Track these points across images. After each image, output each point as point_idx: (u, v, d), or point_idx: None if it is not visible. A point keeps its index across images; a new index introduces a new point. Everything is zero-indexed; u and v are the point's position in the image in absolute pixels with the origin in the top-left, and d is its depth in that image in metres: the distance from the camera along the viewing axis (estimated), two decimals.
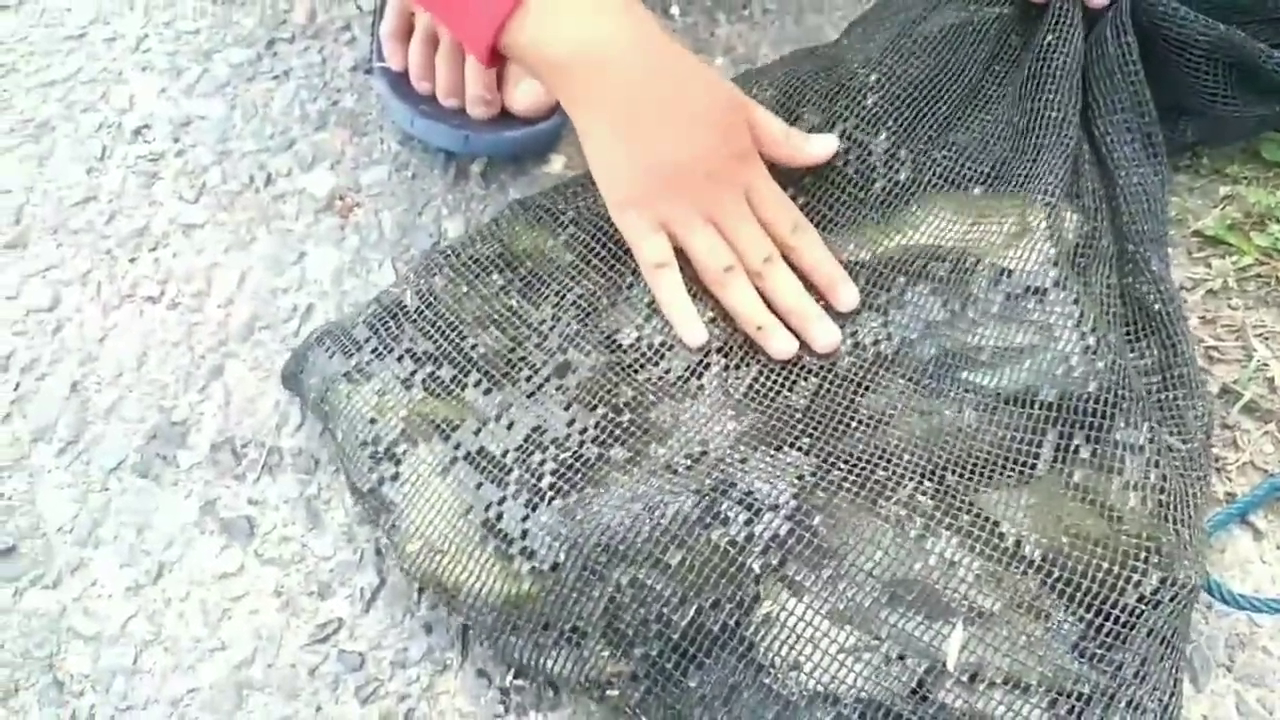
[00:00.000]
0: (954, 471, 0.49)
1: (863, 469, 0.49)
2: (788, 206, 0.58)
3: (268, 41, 0.78)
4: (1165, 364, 0.55)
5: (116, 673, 0.54)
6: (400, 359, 0.56)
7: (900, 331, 0.56)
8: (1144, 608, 0.45)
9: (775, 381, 0.54)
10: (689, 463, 0.49)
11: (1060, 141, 0.58)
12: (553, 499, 0.49)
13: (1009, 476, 0.49)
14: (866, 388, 0.53)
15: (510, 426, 0.52)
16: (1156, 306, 0.57)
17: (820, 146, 0.60)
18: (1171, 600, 0.46)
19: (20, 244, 0.69)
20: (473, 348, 0.56)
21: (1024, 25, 0.66)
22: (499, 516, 0.49)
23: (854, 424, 0.51)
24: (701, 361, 0.55)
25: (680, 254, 0.57)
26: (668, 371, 0.54)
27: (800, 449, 0.50)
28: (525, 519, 0.49)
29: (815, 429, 0.51)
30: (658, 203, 0.55)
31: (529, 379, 0.54)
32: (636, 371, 0.54)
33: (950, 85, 0.64)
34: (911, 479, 0.49)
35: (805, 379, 0.53)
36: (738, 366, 0.55)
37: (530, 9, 0.52)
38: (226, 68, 0.77)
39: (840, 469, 0.49)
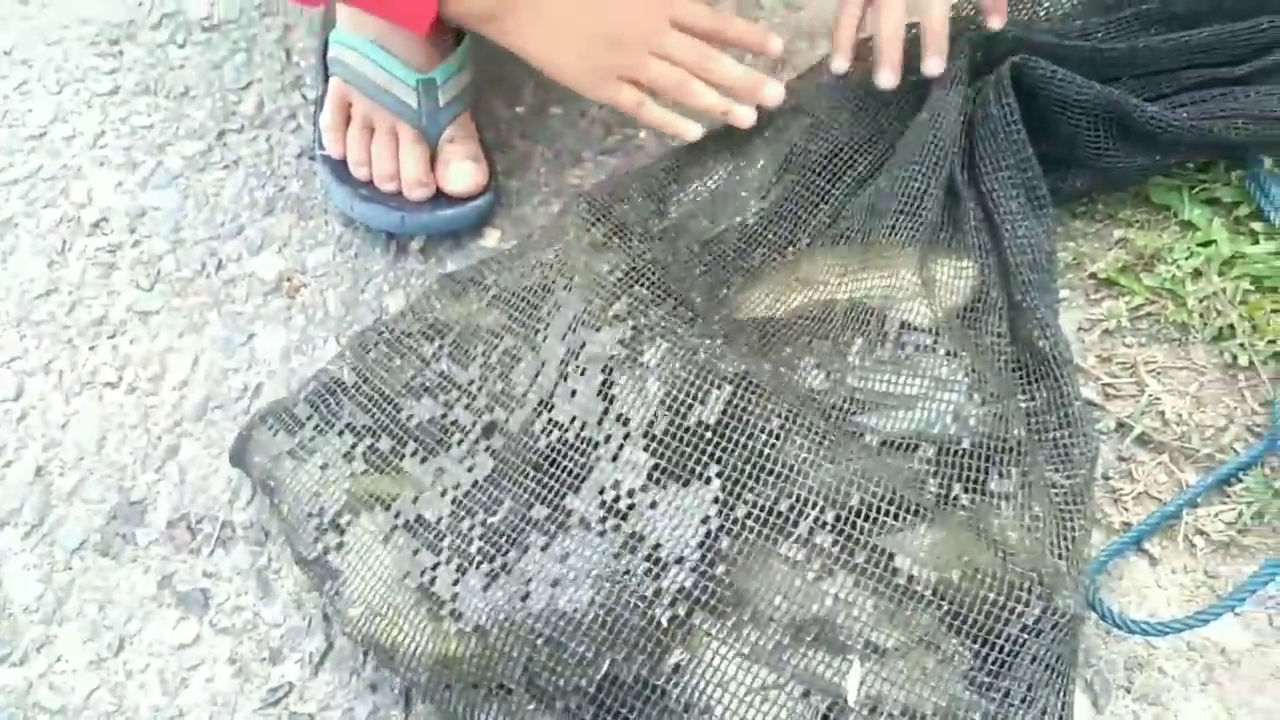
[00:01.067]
0: (853, 508, 0.52)
1: (767, 501, 0.52)
2: (704, 11, 0.68)
3: (218, 133, 0.83)
4: (1053, 404, 0.59)
5: None
6: (341, 433, 0.59)
7: (807, 378, 0.59)
8: (1027, 636, 0.49)
9: (689, 394, 0.56)
10: (602, 513, 0.53)
11: (920, 210, 0.63)
12: (480, 563, 0.53)
13: (904, 516, 0.52)
14: (772, 414, 0.55)
15: (444, 493, 0.56)
16: (1045, 349, 0.60)
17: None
18: (1053, 629, 0.49)
19: None
20: (408, 418, 0.59)
21: (905, 105, 0.71)
22: (432, 581, 0.53)
23: (761, 443, 0.54)
24: (608, 389, 0.57)
25: None
26: (579, 402, 0.57)
27: (706, 479, 0.53)
28: (455, 583, 0.52)
29: (723, 451, 0.54)
30: (609, 63, 0.67)
31: (459, 443, 0.58)
32: (553, 412, 0.57)
33: (842, 169, 0.69)
34: (814, 509, 0.52)
35: (719, 388, 0.56)
36: (638, 390, 0.57)
37: None
38: (179, 160, 0.81)
39: (745, 502, 0.52)
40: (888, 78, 0.69)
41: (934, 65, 0.68)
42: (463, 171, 0.73)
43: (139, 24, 0.91)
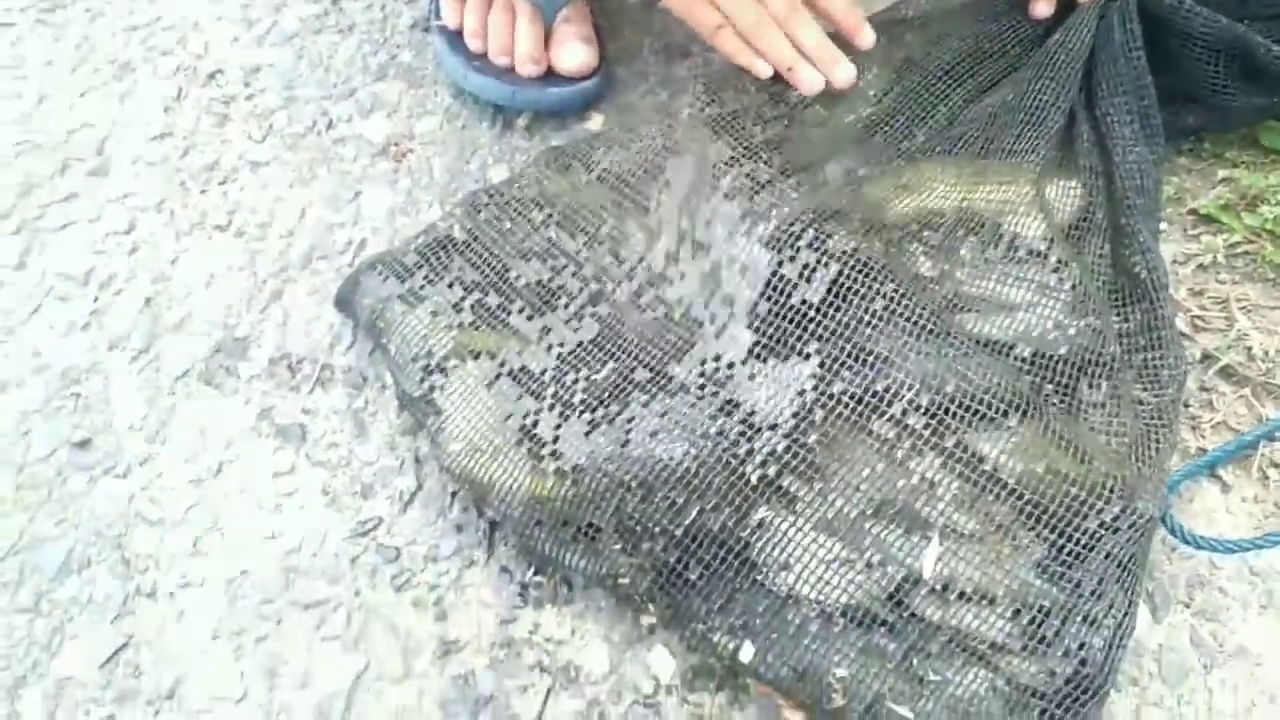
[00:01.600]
0: (949, 394, 0.54)
1: (864, 380, 0.54)
2: None
3: None
4: (1147, 326, 0.60)
5: (177, 554, 0.60)
6: (450, 285, 0.61)
7: (915, 264, 0.61)
8: (1104, 532, 0.50)
9: (797, 273, 0.57)
10: (702, 381, 0.55)
11: (1045, 122, 0.63)
12: (582, 412, 0.55)
13: (997, 407, 0.54)
14: (877, 295, 0.56)
15: (549, 349, 0.58)
16: (1143, 275, 0.61)
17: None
18: (1130, 528, 0.51)
19: (102, 172, 0.76)
20: (516, 278, 0.61)
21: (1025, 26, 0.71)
22: (535, 424, 0.55)
23: (863, 325, 0.55)
24: (716, 273, 0.59)
25: None
26: (686, 284, 0.59)
27: (805, 355, 0.55)
28: (557, 427, 0.55)
29: (825, 329, 0.56)
30: None
31: (566, 305, 0.60)
32: (661, 289, 0.59)
33: (964, 76, 0.69)
34: (908, 392, 0.53)
35: (826, 265, 0.57)
36: (745, 269, 0.58)
37: None
38: (295, 20, 0.83)
39: (842, 379, 0.54)
40: (1043, 8, 0.69)
41: (1042, 7, 0.69)
42: (575, 52, 0.74)
43: None
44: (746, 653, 0.51)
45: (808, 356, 0.54)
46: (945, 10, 0.73)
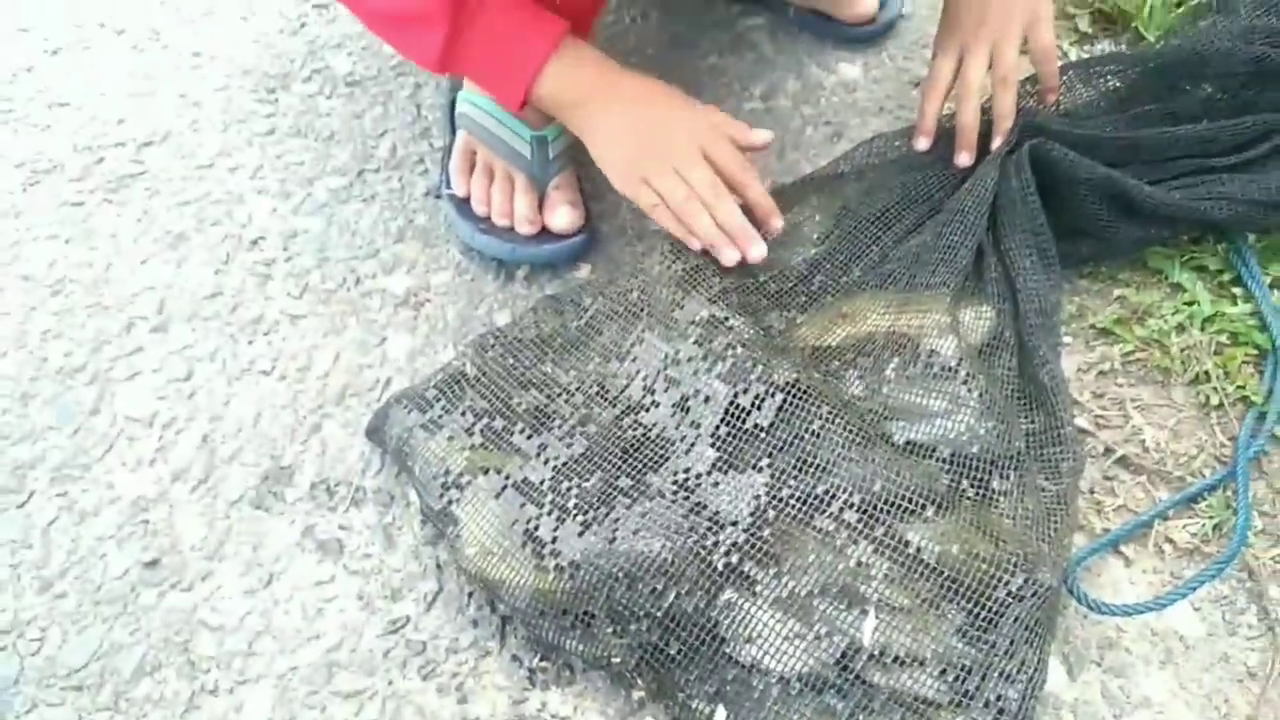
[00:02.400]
0: (877, 494, 0.65)
1: (807, 486, 0.65)
2: (739, 162, 0.78)
3: (358, 171, 0.99)
4: (1048, 426, 0.71)
5: (235, 655, 0.70)
6: (463, 414, 0.73)
7: (849, 387, 0.72)
8: (1012, 600, 0.61)
9: (749, 403, 0.69)
10: (675, 488, 0.66)
11: (957, 258, 0.76)
12: (576, 515, 0.66)
13: (918, 502, 0.65)
14: (815, 417, 0.68)
15: (546, 462, 0.69)
16: (1046, 383, 0.73)
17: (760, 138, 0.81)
18: (1033, 596, 0.61)
19: (163, 328, 0.88)
20: (518, 404, 0.73)
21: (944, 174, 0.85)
22: (536, 528, 0.66)
23: (805, 441, 0.67)
24: (684, 403, 0.71)
25: None
26: (660, 412, 0.71)
27: (759, 468, 0.66)
28: (555, 529, 0.66)
29: (774, 447, 0.67)
30: (641, 168, 0.78)
31: (560, 426, 0.71)
32: (639, 415, 0.71)
33: (892, 221, 0.83)
34: (844, 494, 0.65)
35: (773, 395, 0.69)
36: (707, 400, 0.70)
37: (549, 74, 0.76)
38: (326, 192, 0.97)
39: (789, 486, 0.65)
40: (964, 159, 0.83)
41: (964, 159, 0.84)
42: (565, 213, 0.88)
43: (292, 77, 1.08)
44: (720, 717, 0.61)
45: (760, 469, 0.66)
46: (878, 163, 0.87)
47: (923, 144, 0.86)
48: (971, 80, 0.83)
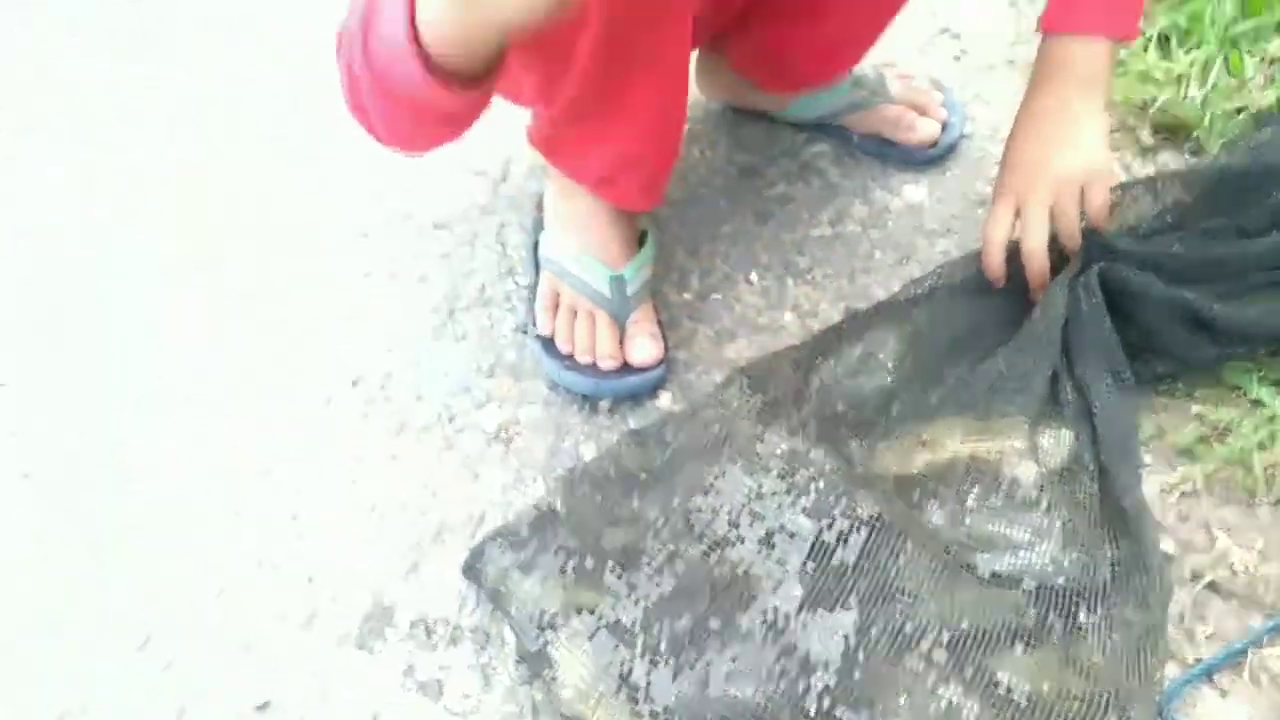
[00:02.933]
0: (964, 630, 0.66)
1: (895, 624, 0.67)
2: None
3: (449, 310, 1.04)
4: (1134, 555, 0.72)
5: None
6: (555, 553, 0.77)
7: (932, 517, 0.74)
8: None
9: (834, 539, 0.71)
10: (764, 629, 0.68)
11: (1032, 385, 0.78)
12: (669, 659, 0.68)
13: (1006, 638, 0.66)
14: (900, 551, 0.70)
15: (636, 602, 0.72)
16: (1128, 509, 0.74)
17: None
18: None
19: (265, 473, 0.94)
20: (607, 543, 0.76)
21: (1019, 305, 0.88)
22: (629, 671, 0.69)
23: (890, 575, 0.68)
24: (770, 539, 0.73)
25: None
26: (745, 548, 0.73)
27: (847, 606, 0.68)
28: (648, 673, 0.68)
29: (860, 583, 0.69)
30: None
31: (648, 564, 0.74)
32: (725, 551, 0.73)
33: (966, 347, 0.85)
34: (933, 631, 0.66)
35: (858, 531, 0.71)
36: (792, 536, 0.73)
37: None
38: (420, 331, 1.03)
39: (877, 624, 0.67)
40: (1035, 293, 0.86)
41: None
42: (644, 347, 0.92)
43: (383, 222, 1.15)
44: None
45: (849, 607, 0.68)
46: (947, 287, 0.90)
47: (996, 285, 0.88)
48: (1033, 247, 0.85)
